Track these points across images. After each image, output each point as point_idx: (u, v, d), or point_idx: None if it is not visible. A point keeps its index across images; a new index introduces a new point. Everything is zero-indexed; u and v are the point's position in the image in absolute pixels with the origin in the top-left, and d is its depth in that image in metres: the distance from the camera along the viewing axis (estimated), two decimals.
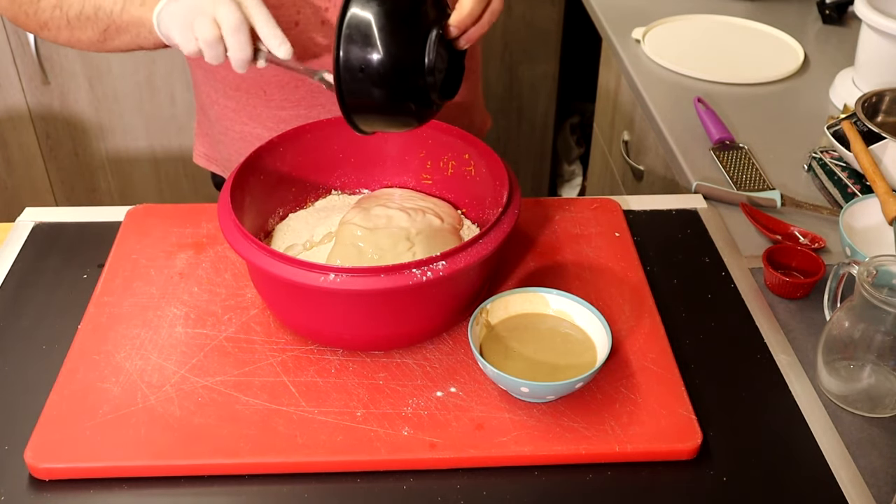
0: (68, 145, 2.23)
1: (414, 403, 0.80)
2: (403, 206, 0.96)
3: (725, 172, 1.21)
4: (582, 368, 0.81)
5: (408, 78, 0.80)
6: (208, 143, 1.26)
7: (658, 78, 1.49)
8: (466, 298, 0.87)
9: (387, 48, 0.79)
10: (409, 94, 0.82)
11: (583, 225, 1.04)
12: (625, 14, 1.71)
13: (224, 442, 0.77)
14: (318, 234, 0.95)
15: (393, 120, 0.87)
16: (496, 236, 0.82)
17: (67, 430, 0.78)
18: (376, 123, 0.87)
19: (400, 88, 0.81)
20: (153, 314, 0.90)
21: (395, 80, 0.80)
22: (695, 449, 0.77)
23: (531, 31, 2.29)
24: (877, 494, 0.75)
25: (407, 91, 0.82)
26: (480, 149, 0.96)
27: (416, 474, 0.76)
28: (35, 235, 1.04)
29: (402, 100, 0.83)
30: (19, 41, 2.04)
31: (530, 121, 2.45)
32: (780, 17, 1.71)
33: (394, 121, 0.87)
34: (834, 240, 1.05)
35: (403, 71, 0.80)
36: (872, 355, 0.82)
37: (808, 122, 1.35)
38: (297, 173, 1.00)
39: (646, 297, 0.93)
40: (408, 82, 0.81)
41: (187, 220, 1.03)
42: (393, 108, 0.84)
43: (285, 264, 0.78)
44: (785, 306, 0.95)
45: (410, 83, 0.81)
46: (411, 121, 0.87)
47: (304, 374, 0.83)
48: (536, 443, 0.77)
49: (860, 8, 1.32)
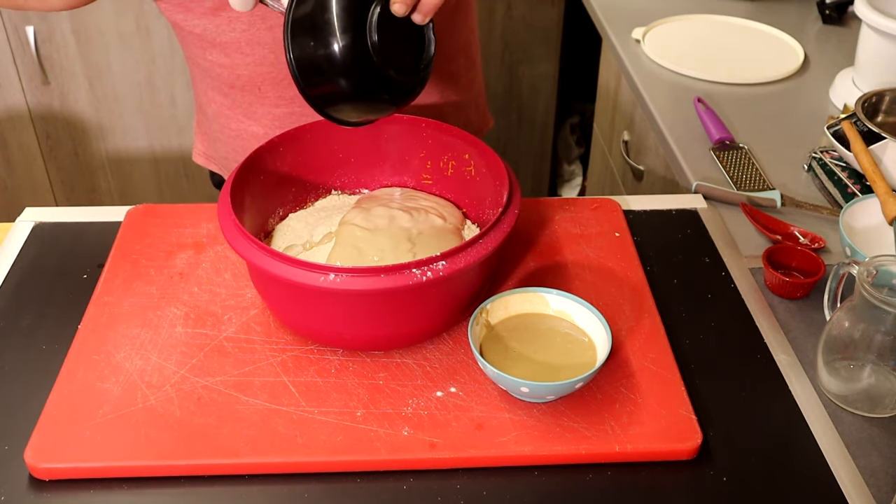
0: (68, 145, 2.23)
1: (414, 403, 0.80)
2: (405, 206, 0.96)
3: (725, 172, 1.21)
4: (582, 368, 0.81)
5: (359, 62, 0.80)
6: (207, 141, 1.26)
7: (658, 78, 1.49)
8: (466, 298, 0.87)
9: (332, 37, 0.78)
10: (367, 78, 0.81)
11: (583, 225, 1.04)
12: (625, 14, 1.71)
13: (224, 442, 0.77)
14: (318, 234, 0.95)
15: (365, 106, 0.86)
16: (496, 236, 0.82)
17: (67, 430, 0.78)
18: (352, 112, 0.86)
19: (355, 74, 0.81)
20: (153, 314, 0.90)
21: (347, 67, 0.80)
22: (695, 449, 0.77)
23: (531, 31, 2.29)
24: (877, 494, 0.75)
25: (363, 76, 0.81)
26: (480, 149, 0.96)
27: (416, 474, 0.76)
28: (35, 235, 1.04)
29: (362, 86, 0.82)
30: (19, 41, 2.05)
31: (530, 121, 2.45)
32: (780, 17, 1.71)
33: (366, 107, 0.86)
34: (834, 240, 1.05)
35: (353, 57, 0.80)
36: (872, 355, 0.82)
37: (808, 122, 1.35)
38: (297, 173, 1.00)
39: (646, 297, 0.93)
40: (361, 66, 0.80)
41: (187, 220, 1.03)
42: (357, 95, 0.83)
43: (285, 264, 0.78)
44: (785, 306, 0.95)
45: (364, 67, 0.80)
46: (385, 105, 0.86)
47: (304, 374, 0.83)
48: (536, 443, 0.77)
49: (860, 8, 1.32)
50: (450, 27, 1.13)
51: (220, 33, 1.03)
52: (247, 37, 1.02)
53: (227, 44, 1.04)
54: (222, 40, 1.03)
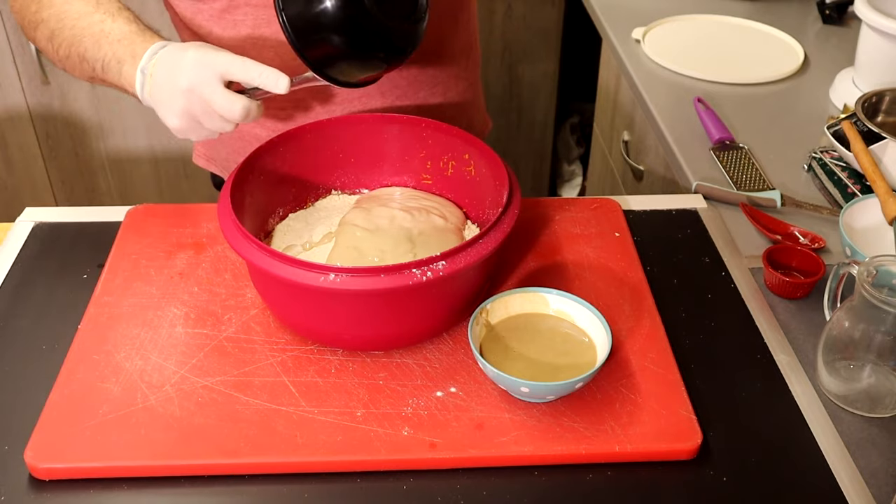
0: (68, 145, 2.23)
1: (414, 403, 0.80)
2: (406, 206, 0.96)
3: (725, 172, 1.21)
4: (582, 368, 0.81)
5: (353, 16, 0.81)
6: (207, 142, 1.26)
7: (658, 78, 1.49)
8: (466, 298, 0.87)
9: None
10: (362, 33, 0.82)
11: (583, 225, 1.04)
12: (625, 14, 1.71)
13: (224, 442, 0.77)
14: (317, 234, 0.95)
15: (360, 64, 0.86)
16: (496, 236, 0.82)
17: (67, 430, 0.78)
18: (349, 70, 0.86)
19: (351, 29, 0.81)
20: (153, 314, 0.90)
21: (342, 21, 0.81)
22: (695, 449, 0.77)
23: (531, 31, 2.29)
24: (877, 494, 0.75)
25: (359, 30, 0.82)
26: (480, 149, 0.96)
27: (416, 474, 0.76)
28: (35, 235, 1.04)
29: (357, 40, 0.83)
30: (19, 41, 2.04)
31: (530, 121, 2.45)
32: (780, 17, 1.71)
33: (362, 65, 0.86)
34: (834, 240, 1.05)
35: (347, 11, 0.80)
36: (872, 355, 0.82)
37: (808, 122, 1.35)
38: (297, 173, 1.00)
39: (646, 297, 0.93)
40: (356, 21, 0.81)
41: (187, 220, 1.03)
42: (354, 51, 0.83)
43: (285, 264, 0.78)
44: (785, 306, 0.95)
45: (359, 20, 0.81)
46: (379, 62, 0.86)
47: (304, 374, 0.83)
48: (536, 443, 0.77)
49: (860, 8, 1.32)
50: (453, 29, 1.13)
51: (224, 36, 1.03)
52: (252, 39, 1.02)
53: (232, 47, 1.04)
54: (226, 43, 1.03)
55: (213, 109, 0.85)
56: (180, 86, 0.85)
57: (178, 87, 0.85)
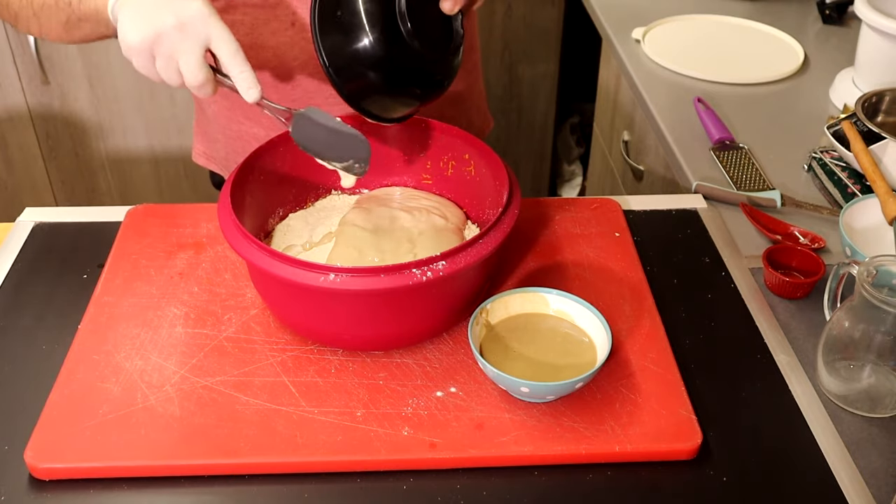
0: (68, 145, 2.23)
1: (414, 403, 0.80)
2: (407, 206, 0.96)
3: (725, 172, 1.21)
4: (582, 368, 0.81)
5: (391, 53, 0.82)
6: (206, 141, 1.26)
7: (658, 78, 1.49)
8: (466, 298, 0.87)
9: (362, 30, 0.81)
10: (400, 69, 0.83)
11: (583, 225, 1.04)
12: (625, 14, 1.71)
13: (224, 442, 0.77)
14: (317, 234, 0.95)
15: (397, 99, 0.88)
16: (496, 236, 0.82)
17: (67, 430, 0.78)
18: (386, 105, 0.88)
19: (389, 65, 0.83)
20: (153, 314, 0.90)
21: (381, 58, 0.82)
22: (695, 449, 0.77)
23: (531, 31, 2.29)
24: (877, 494, 0.75)
25: (397, 66, 0.83)
26: (480, 149, 0.96)
27: (416, 474, 0.76)
28: (35, 235, 1.04)
29: (395, 76, 0.84)
30: (19, 41, 2.04)
31: (530, 121, 2.45)
32: (780, 17, 1.71)
33: (399, 100, 0.88)
34: (834, 240, 1.05)
35: (386, 48, 0.82)
36: (872, 355, 0.82)
37: (808, 122, 1.35)
38: (297, 173, 1.00)
39: (646, 297, 0.93)
40: (394, 57, 0.82)
41: (187, 220, 1.03)
42: (391, 86, 0.85)
43: (285, 264, 0.78)
44: (785, 306, 0.95)
45: (397, 57, 0.82)
46: (415, 99, 0.88)
47: (304, 374, 0.83)
48: (536, 443, 0.77)
49: (860, 8, 1.32)
50: None
51: None
52: (250, 40, 1.02)
53: None
54: None
55: (177, 61, 0.82)
56: (165, 19, 0.80)
57: (161, 16, 0.80)
